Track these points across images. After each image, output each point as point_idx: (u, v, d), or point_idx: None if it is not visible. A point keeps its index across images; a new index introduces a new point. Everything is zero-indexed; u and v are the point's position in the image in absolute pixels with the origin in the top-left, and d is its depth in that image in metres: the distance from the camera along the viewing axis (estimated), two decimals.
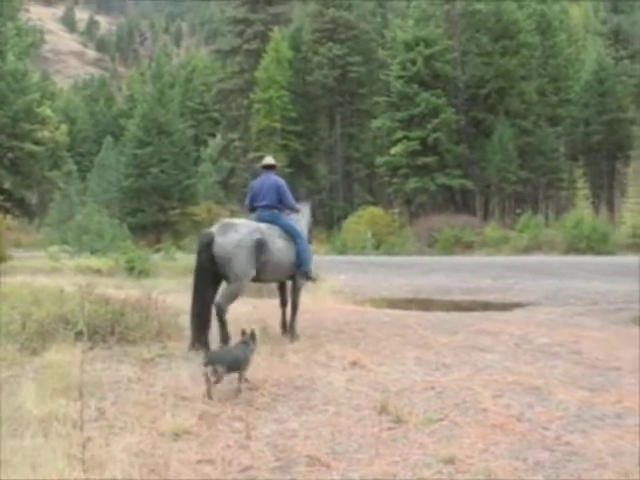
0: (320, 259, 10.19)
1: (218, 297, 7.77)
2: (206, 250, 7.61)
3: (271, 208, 8.54)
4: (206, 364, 5.83)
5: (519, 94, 45.06)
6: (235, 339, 7.01)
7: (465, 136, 45.75)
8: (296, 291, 8.71)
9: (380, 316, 10.78)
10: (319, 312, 10.25)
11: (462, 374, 6.62)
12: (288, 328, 8.65)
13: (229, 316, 7.87)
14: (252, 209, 8.71)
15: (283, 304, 8.80)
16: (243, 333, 6.46)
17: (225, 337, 7.61)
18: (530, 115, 45.52)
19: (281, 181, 8.78)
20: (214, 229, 7.84)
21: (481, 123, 45.64)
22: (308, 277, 8.75)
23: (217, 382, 5.82)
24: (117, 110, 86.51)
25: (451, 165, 43.88)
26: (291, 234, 8.45)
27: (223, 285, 7.90)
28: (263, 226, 8.15)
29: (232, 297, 7.83)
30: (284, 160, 46.57)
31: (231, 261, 7.64)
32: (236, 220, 8.24)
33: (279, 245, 8.21)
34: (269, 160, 9.06)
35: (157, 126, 51.75)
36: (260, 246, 7.87)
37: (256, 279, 8.11)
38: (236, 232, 7.77)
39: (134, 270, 19.34)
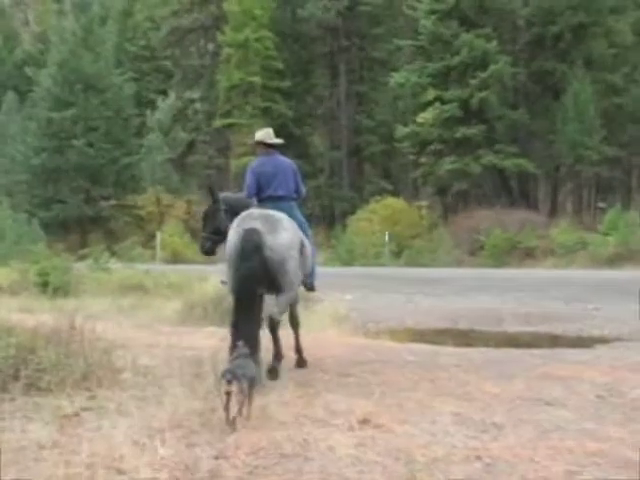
0: (317, 271, 10.31)
1: (271, 308, 8.61)
2: (257, 253, 8.12)
3: (289, 199, 9.25)
4: (229, 380, 6.39)
5: (605, 34, 44.93)
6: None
7: (525, 97, 45.93)
8: (295, 306, 9.61)
9: (402, 353, 10.83)
10: (316, 348, 10.25)
11: (520, 438, 6.62)
12: (295, 353, 9.51)
13: (190, 353, 7.87)
14: (260, 199, 9.15)
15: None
16: (235, 346, 7.20)
17: (279, 355, 8.81)
18: (621, 65, 45.45)
19: (294, 164, 9.50)
20: (257, 225, 8.29)
21: (548, 77, 45.71)
22: (312, 289, 9.96)
23: (242, 403, 6.47)
24: (22, 54, 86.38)
25: (503, 139, 44.07)
26: (305, 233, 9.15)
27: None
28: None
29: (287, 308, 8.94)
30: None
31: (285, 266, 8.36)
32: (270, 211, 8.70)
33: (309, 245, 9.14)
34: (274, 137, 9.50)
35: (82, 79, 51.79)
36: (302, 246, 8.68)
37: None
38: (285, 229, 8.40)
39: (48, 286, 19.37)
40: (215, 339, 10.48)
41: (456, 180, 43.58)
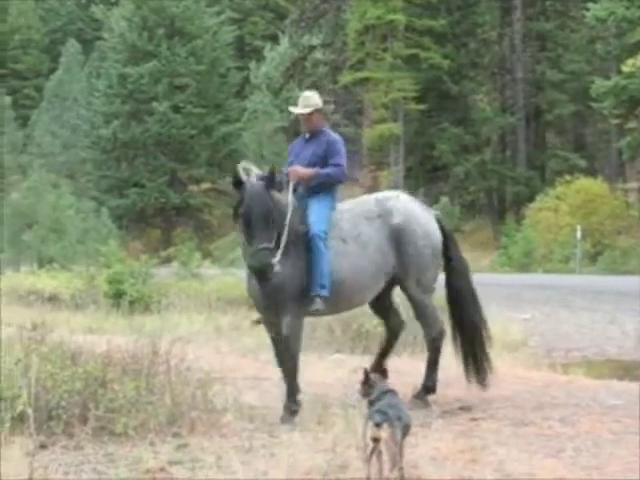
0: (480, 279, 10.28)
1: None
2: None
3: None
4: (379, 423, 6.41)
5: None
6: None
7: None
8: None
9: (602, 395, 10.73)
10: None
11: None
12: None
13: (311, 390, 7.94)
14: None
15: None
16: (367, 377, 7.20)
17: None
18: None
19: None
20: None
21: None
22: None
23: (394, 457, 6.43)
24: None
25: None
26: None
27: None
28: None
29: None
30: (410, 87, 46.60)
31: None
32: None
33: None
34: None
35: (166, 22, 52.32)
36: None
37: None
38: None
39: (123, 298, 19.69)
40: (344, 370, 10.50)
41: None
